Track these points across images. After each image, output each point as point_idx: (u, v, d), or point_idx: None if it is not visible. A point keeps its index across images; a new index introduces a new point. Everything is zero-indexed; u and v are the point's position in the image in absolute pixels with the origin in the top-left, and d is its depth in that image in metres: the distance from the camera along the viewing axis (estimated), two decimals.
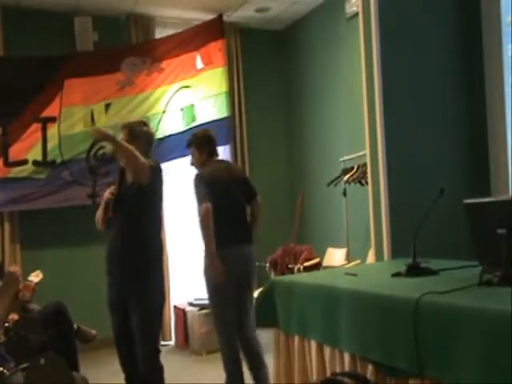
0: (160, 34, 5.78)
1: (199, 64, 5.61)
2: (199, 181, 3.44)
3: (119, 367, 3.20)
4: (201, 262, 3.41)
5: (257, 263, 5.72)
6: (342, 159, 5.20)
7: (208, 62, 5.59)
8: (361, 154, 4.61)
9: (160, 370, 3.16)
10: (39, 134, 5.18)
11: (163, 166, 5.35)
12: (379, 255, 3.52)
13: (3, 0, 5.12)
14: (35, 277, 3.74)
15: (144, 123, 3.41)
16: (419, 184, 3.43)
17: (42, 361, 2.30)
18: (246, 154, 5.99)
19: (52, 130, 5.22)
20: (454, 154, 3.70)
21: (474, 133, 3.78)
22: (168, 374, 3.24)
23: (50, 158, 5.21)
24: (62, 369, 2.39)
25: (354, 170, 4.96)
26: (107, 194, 3.12)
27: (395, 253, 3.35)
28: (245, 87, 6.06)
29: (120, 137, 3.18)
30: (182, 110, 5.60)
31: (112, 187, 3.14)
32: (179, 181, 5.66)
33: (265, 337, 3.56)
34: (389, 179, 3.45)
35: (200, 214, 3.31)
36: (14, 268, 2.48)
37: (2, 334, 2.82)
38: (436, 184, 2.71)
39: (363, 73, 3.66)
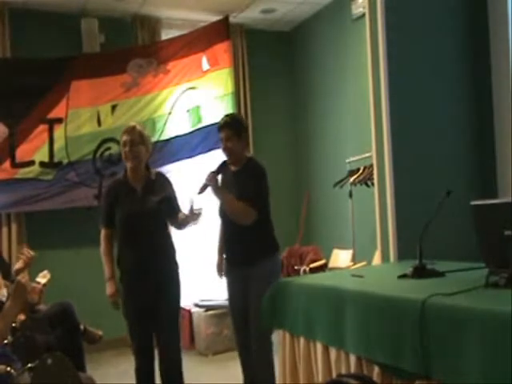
0: (166, 35, 5.79)
1: (205, 65, 5.62)
2: (266, 175, 3.29)
3: (125, 368, 3.23)
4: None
5: None
6: (348, 160, 5.20)
7: (214, 63, 5.60)
8: (367, 155, 4.60)
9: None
10: (46, 135, 5.20)
11: (168, 167, 5.44)
12: (385, 257, 3.52)
13: (10, 2, 5.15)
14: (42, 277, 3.74)
15: None
16: (426, 185, 3.42)
17: (49, 361, 2.31)
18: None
19: (59, 131, 5.24)
20: (461, 154, 3.69)
21: (482, 134, 3.76)
22: None
23: (56, 159, 5.23)
24: (69, 369, 2.39)
25: (360, 172, 4.95)
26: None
27: (401, 254, 3.35)
28: (251, 88, 6.06)
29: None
30: (188, 111, 5.61)
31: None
32: (184, 182, 5.67)
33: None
34: (395, 180, 3.45)
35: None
36: (21, 275, 2.48)
37: (9, 335, 2.83)
38: (443, 185, 2.70)
39: (369, 74, 3.65)
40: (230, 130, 3.25)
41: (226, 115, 3.45)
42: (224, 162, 3.30)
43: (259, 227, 3.19)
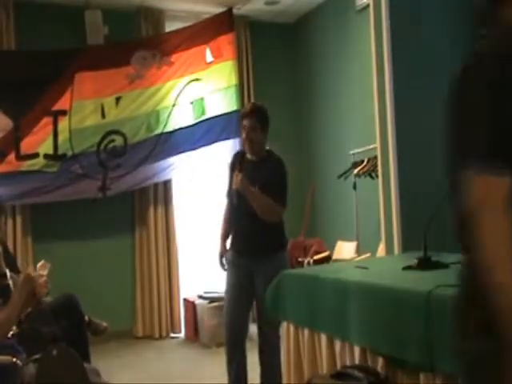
0: (170, 27, 5.77)
1: (209, 57, 5.60)
2: (287, 172, 3.31)
3: (129, 359, 3.21)
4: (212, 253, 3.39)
5: None
6: (352, 152, 5.19)
7: (218, 56, 5.58)
8: (371, 147, 4.59)
9: None
10: (50, 128, 5.20)
11: (172, 160, 5.44)
12: (389, 248, 3.51)
13: None
14: (43, 268, 3.74)
15: None
16: (430, 177, 3.39)
17: (54, 352, 2.31)
18: None
19: (63, 124, 5.24)
20: None
21: None
22: (177, 367, 3.26)
23: (60, 151, 5.23)
24: (75, 360, 2.40)
25: (364, 163, 4.94)
26: None
27: (406, 246, 3.34)
28: (254, 80, 6.04)
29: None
30: (191, 103, 5.60)
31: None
32: (189, 173, 5.68)
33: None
34: (399, 172, 3.44)
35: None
36: (29, 269, 2.48)
37: (15, 326, 2.84)
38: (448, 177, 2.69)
39: (373, 65, 3.64)
40: (256, 119, 3.19)
41: (253, 103, 3.38)
42: (238, 153, 3.29)
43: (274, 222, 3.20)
